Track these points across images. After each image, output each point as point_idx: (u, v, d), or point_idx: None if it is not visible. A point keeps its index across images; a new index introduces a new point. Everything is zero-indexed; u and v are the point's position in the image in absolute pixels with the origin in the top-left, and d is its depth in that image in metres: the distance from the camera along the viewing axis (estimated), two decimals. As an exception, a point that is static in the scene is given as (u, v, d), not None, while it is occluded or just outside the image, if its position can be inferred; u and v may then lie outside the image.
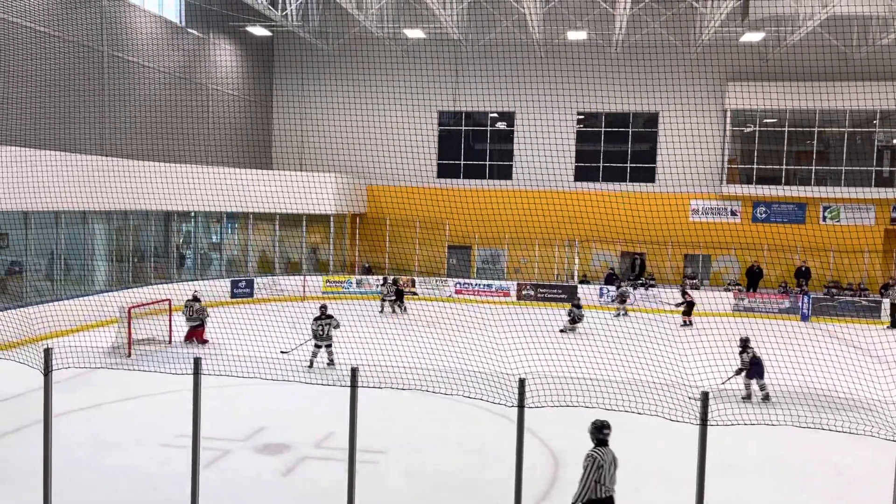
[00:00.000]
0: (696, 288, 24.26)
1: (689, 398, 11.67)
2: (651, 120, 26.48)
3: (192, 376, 5.45)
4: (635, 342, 13.49)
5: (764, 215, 25.74)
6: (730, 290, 23.86)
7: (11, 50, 16.39)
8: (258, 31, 25.35)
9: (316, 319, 14.19)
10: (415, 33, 25.13)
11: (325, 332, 14.00)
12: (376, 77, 25.60)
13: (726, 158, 25.78)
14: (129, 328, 15.02)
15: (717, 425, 5.38)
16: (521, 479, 5.35)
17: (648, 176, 26.34)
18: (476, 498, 8.47)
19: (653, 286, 24.33)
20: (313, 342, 14.11)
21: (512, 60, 25.11)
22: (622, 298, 22.71)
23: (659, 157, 26.01)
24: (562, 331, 18.34)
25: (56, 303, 16.40)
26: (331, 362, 13.97)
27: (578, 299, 20.91)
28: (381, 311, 21.94)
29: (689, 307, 20.96)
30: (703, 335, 11.62)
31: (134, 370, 9.99)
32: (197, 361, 5.40)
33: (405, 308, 22.05)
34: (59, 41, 18.07)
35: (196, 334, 16.13)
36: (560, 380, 7.40)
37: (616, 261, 25.85)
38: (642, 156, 26.74)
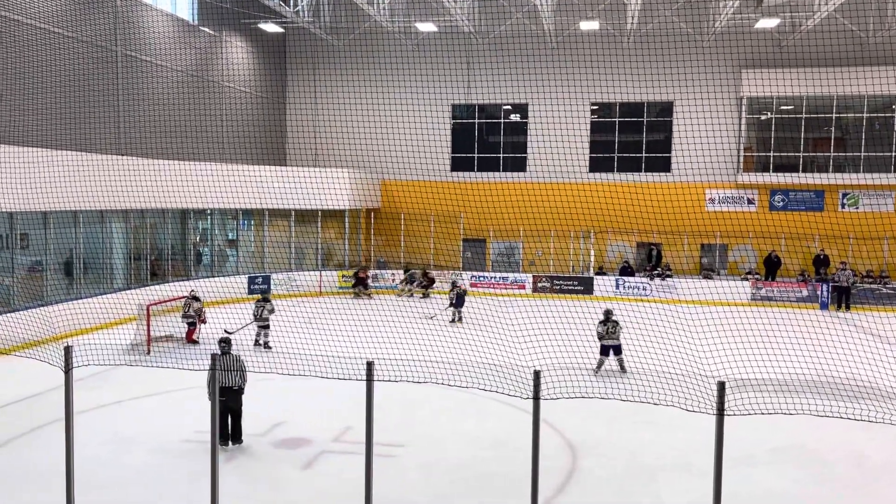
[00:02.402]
0: (710, 278, 24.12)
1: (594, 369, 11.59)
2: (666, 109, 26.27)
3: (208, 372, 5.50)
4: (652, 333, 13.43)
5: (781, 203, 25.49)
6: (747, 280, 23.69)
7: (28, 52, 16.55)
8: (270, 27, 25.42)
9: (256, 302, 15.96)
10: (426, 27, 25.08)
11: (260, 314, 15.57)
12: (389, 71, 25.60)
13: (742, 147, 25.54)
14: (148, 326, 15.17)
15: (735, 415, 5.35)
16: (538, 471, 5.36)
17: (664, 166, 26.16)
18: (494, 490, 8.49)
19: (669, 276, 24.21)
20: (256, 324, 15.62)
21: (524, 52, 25.00)
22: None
23: (674, 147, 25.82)
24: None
25: (75, 301, 16.60)
26: (266, 345, 15.34)
27: None
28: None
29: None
30: (721, 325, 11.54)
31: (153, 367, 10.09)
32: (214, 358, 5.44)
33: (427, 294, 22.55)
34: (74, 42, 18.23)
35: (187, 333, 15.98)
36: (576, 371, 7.39)
37: (632, 252, 25.73)
38: (657, 146, 26.56)
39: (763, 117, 25.94)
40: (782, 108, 25.69)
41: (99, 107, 19.08)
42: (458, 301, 19.14)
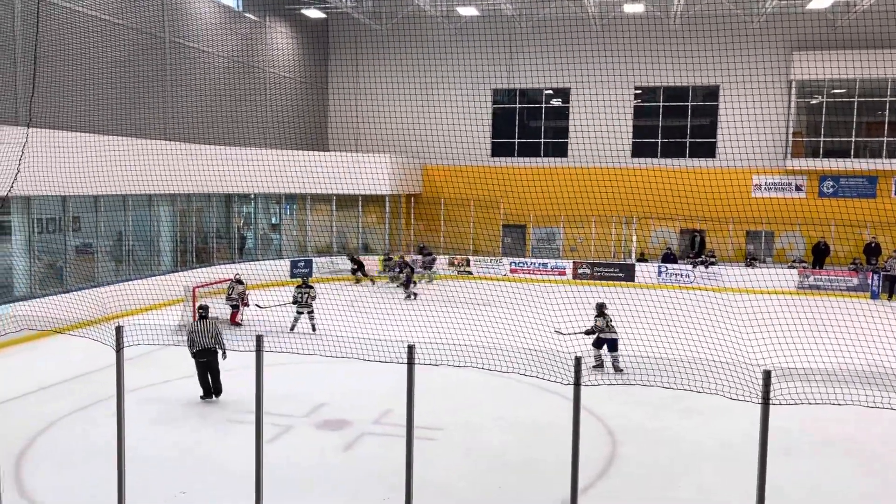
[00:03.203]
0: (754, 265, 23.64)
1: (556, 331, 11.43)
2: (711, 93, 25.71)
3: (254, 353, 5.61)
4: (695, 320, 13.23)
5: (831, 190, 24.79)
6: (794, 268, 23.16)
7: (79, 40, 16.95)
8: (313, 13, 25.55)
9: (297, 287, 15.89)
10: (468, 11, 24.92)
11: (304, 300, 15.54)
12: (430, 56, 25.53)
13: (791, 131, 24.87)
14: (194, 307, 15.50)
15: (780, 405, 5.26)
16: (578, 457, 5.35)
17: (709, 151, 25.64)
18: (534, 475, 8.50)
19: (713, 264, 23.81)
20: (295, 309, 15.68)
21: (567, 35, 24.67)
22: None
23: (720, 132, 25.27)
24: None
25: (125, 283, 17.06)
26: (314, 327, 15.40)
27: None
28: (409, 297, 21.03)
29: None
30: (766, 313, 11.32)
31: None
32: (259, 339, 5.55)
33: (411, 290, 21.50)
34: (123, 29, 18.60)
35: (231, 315, 16.33)
36: (618, 358, 7.33)
37: (675, 238, 25.35)
38: (702, 130, 26.03)
39: (813, 101, 25.20)
40: (834, 91, 24.92)
41: (147, 93, 19.48)
42: (406, 280, 21.15)
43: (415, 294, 20.81)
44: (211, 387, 10.91)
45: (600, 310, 13.05)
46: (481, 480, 8.37)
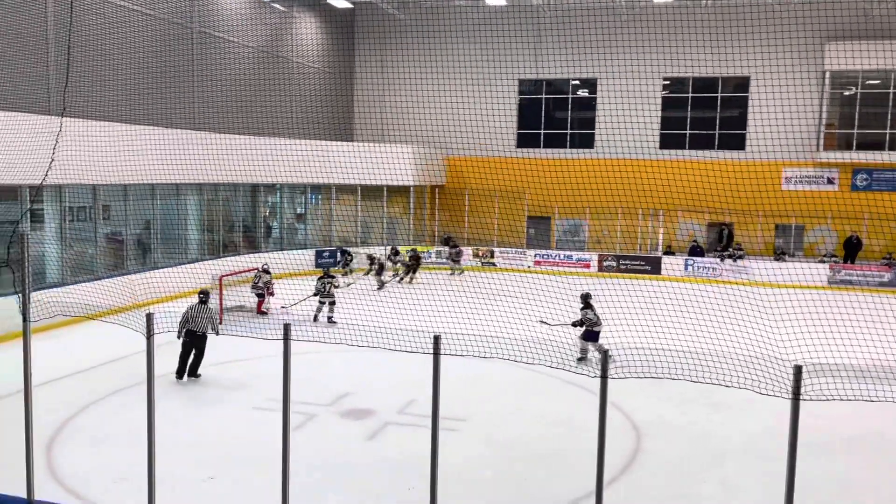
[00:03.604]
0: (782, 259, 23.30)
1: (541, 321, 11.31)
2: (741, 85, 25.31)
3: (281, 342, 5.65)
4: (722, 314, 13.07)
5: (864, 183, 24.32)
6: (825, 262, 22.78)
7: (110, 30, 17.14)
8: (340, 3, 25.56)
9: (320, 279, 15.91)
10: (494, 0, 24.77)
11: (327, 290, 15.61)
12: (456, 46, 25.44)
13: (823, 123, 24.41)
14: (221, 296, 15.67)
15: (811, 400, 5.17)
16: (604, 450, 5.32)
17: (738, 143, 25.27)
18: (558, 467, 8.49)
19: (741, 257, 23.51)
20: (318, 299, 15.68)
21: (594, 25, 24.41)
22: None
23: (749, 124, 24.89)
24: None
25: (153, 271, 17.29)
26: (330, 319, 15.34)
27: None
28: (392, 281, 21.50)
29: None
30: (795, 307, 11.14)
31: (227, 335, 10.50)
32: (287, 327, 5.58)
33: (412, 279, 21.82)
34: (152, 19, 18.77)
35: (257, 304, 16.46)
36: (644, 351, 7.29)
37: (702, 231, 25.06)
38: (732, 122, 25.65)
39: (847, 92, 24.70)
40: (868, 82, 24.39)
41: (175, 83, 19.65)
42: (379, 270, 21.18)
43: (382, 283, 20.94)
44: (186, 368, 11.36)
45: (586, 301, 12.69)
46: (505, 471, 8.37)
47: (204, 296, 11.78)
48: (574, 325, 12.49)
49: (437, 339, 5.62)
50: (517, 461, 8.64)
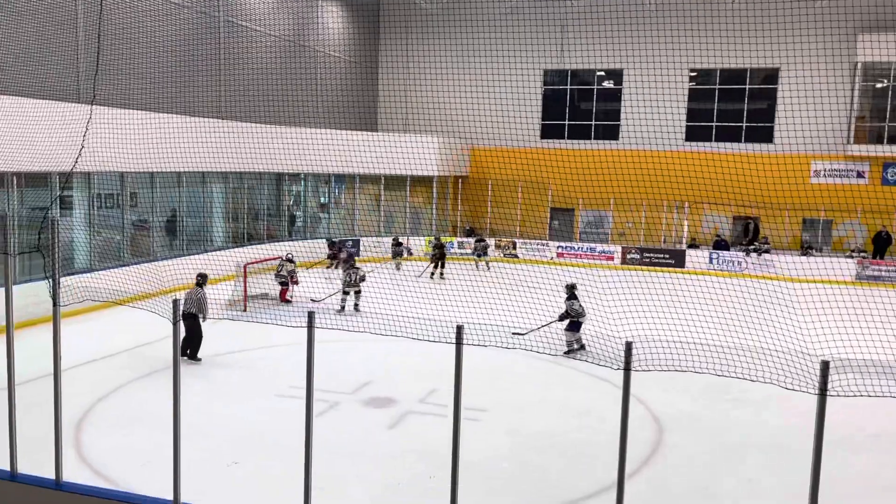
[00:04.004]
0: (809, 254, 22.97)
1: (513, 334, 11.21)
2: (770, 76, 24.93)
3: (305, 330, 5.69)
4: (747, 308, 12.96)
5: (895, 177, 23.87)
6: (853, 258, 22.42)
7: (137, 18, 17.30)
8: (364, -7, 25.58)
9: (345, 270, 16.11)
10: (520, -10, 24.58)
11: (353, 280, 15.69)
12: (481, 36, 25.32)
13: (854, 116, 23.97)
14: (245, 284, 15.83)
15: (839, 396, 5.11)
16: (626, 442, 5.30)
17: (766, 136, 24.91)
18: (579, 458, 8.48)
19: (766, 251, 23.22)
20: (343, 291, 15.77)
21: (621, 15, 24.16)
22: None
23: (778, 116, 24.51)
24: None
25: (178, 258, 17.49)
26: (356, 306, 15.48)
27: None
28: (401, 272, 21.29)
29: None
30: (822, 302, 10.99)
31: (252, 322, 10.59)
32: (311, 315, 5.62)
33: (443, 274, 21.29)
34: (178, 8, 18.91)
35: (281, 293, 16.60)
36: (668, 344, 7.24)
37: (728, 224, 24.79)
38: (759, 114, 25.29)
39: (879, 84, 24.22)
40: (901, 74, 23.91)
41: (202, 72, 19.81)
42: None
43: (400, 265, 21.47)
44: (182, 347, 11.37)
45: (571, 291, 12.55)
46: (525, 461, 8.38)
47: (201, 278, 12.10)
48: (560, 318, 12.31)
49: (459, 329, 5.62)
50: (538, 452, 8.65)
